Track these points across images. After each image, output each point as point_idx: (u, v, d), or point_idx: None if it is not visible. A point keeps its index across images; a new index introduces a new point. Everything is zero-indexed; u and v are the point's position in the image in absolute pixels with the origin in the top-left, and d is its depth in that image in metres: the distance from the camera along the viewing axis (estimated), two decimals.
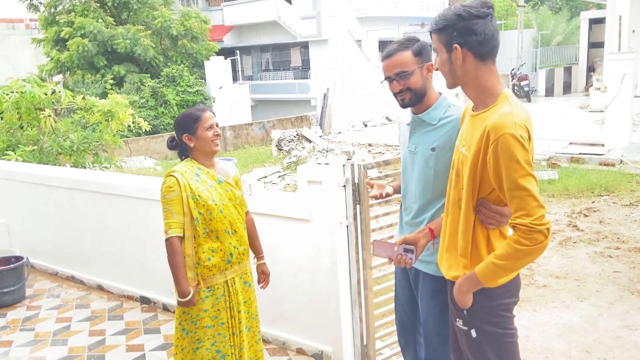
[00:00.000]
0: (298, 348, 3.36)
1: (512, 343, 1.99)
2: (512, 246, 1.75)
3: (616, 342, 4.02)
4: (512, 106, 1.80)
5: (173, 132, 2.66)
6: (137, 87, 18.72)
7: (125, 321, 3.93)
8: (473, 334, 1.95)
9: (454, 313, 2.04)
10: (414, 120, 2.32)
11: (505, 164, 1.74)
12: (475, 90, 1.89)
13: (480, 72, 1.85)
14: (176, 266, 2.46)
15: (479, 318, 1.94)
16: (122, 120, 7.41)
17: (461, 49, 1.82)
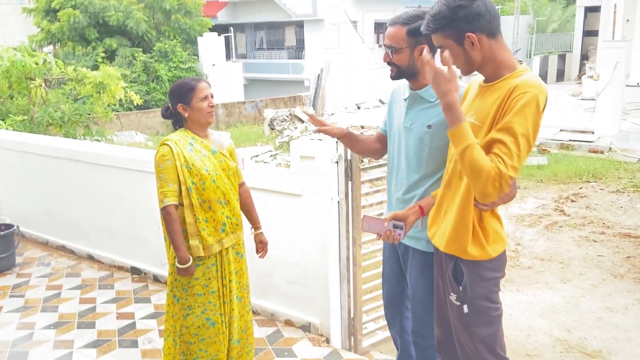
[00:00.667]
0: (286, 319, 3.42)
1: (498, 316, 2.04)
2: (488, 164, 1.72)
3: (597, 323, 4.13)
4: (533, 74, 1.82)
5: None
6: (129, 61, 18.51)
7: (116, 290, 3.96)
8: (465, 310, 2.00)
9: (447, 289, 2.07)
10: (412, 97, 2.30)
11: (518, 113, 1.73)
12: (491, 67, 1.87)
13: (494, 49, 1.84)
14: (174, 233, 2.46)
15: (473, 293, 1.98)
16: (113, 93, 7.34)
17: (474, 35, 1.80)
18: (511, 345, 3.79)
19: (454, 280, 2.03)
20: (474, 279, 1.97)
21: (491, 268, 1.98)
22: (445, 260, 2.07)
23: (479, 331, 2.00)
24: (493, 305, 2.00)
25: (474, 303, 1.98)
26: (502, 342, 2.07)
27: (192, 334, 2.59)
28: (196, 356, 2.60)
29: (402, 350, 2.75)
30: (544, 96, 1.77)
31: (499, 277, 2.02)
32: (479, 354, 2.01)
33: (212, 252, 2.54)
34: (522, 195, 7.28)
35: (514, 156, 1.73)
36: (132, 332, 3.38)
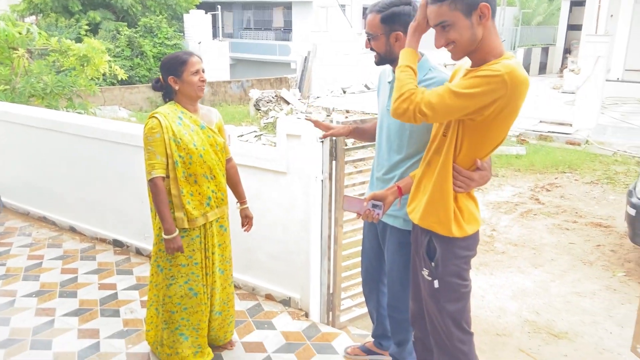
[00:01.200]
0: (267, 294, 3.51)
1: (467, 293, 2.14)
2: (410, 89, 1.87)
3: (565, 306, 4.30)
4: (516, 61, 1.84)
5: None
6: (113, 35, 18.18)
7: (98, 262, 4.00)
8: (436, 285, 2.09)
9: (421, 264, 2.16)
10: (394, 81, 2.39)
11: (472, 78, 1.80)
12: (484, 52, 1.85)
13: (491, 31, 1.84)
14: (161, 204, 2.50)
15: (444, 269, 2.07)
16: (97, 67, 7.26)
17: (487, 3, 1.78)
18: (482, 325, 3.95)
19: (427, 256, 2.11)
20: (446, 256, 2.06)
21: (463, 246, 2.06)
22: (420, 236, 2.15)
23: (448, 306, 2.09)
24: (462, 282, 2.09)
25: (444, 279, 2.07)
26: (468, 318, 2.16)
27: (174, 303, 2.65)
28: (178, 325, 2.68)
29: (378, 324, 2.86)
30: (513, 81, 1.76)
31: (470, 255, 2.11)
32: (446, 327, 2.11)
33: (196, 225, 2.59)
34: (500, 183, 7.45)
35: (435, 96, 1.83)
36: (114, 302, 3.43)
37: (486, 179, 2.04)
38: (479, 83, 1.78)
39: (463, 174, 1.98)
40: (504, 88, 1.77)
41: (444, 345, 2.14)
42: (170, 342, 2.69)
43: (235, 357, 2.90)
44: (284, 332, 3.15)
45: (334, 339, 3.09)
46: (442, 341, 2.14)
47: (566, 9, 20.18)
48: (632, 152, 8.83)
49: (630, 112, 11.68)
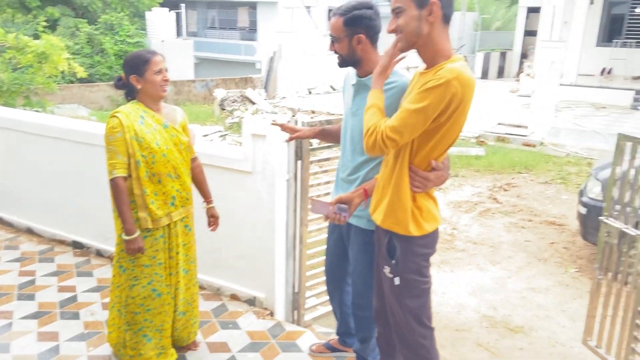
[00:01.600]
0: (232, 294, 3.52)
1: (427, 289, 2.21)
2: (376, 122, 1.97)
3: (521, 302, 4.47)
4: (462, 64, 1.94)
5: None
6: (72, 32, 17.69)
7: (57, 264, 3.92)
8: (396, 282, 2.16)
9: (382, 262, 2.23)
10: (358, 83, 2.44)
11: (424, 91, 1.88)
12: (432, 52, 1.96)
13: (442, 34, 1.95)
14: (122, 204, 2.49)
15: (404, 267, 2.14)
16: (56, 64, 7.10)
17: (438, 3, 1.89)
18: (443, 321, 4.06)
19: (387, 255, 2.18)
20: (405, 254, 2.13)
21: (422, 244, 2.13)
22: (382, 235, 2.22)
23: (408, 302, 2.16)
24: (422, 279, 2.16)
25: (404, 276, 2.14)
26: (428, 313, 2.24)
27: (137, 304, 2.64)
28: (141, 326, 2.66)
29: (341, 322, 2.92)
30: (461, 84, 1.86)
31: (429, 253, 2.18)
32: (407, 322, 2.18)
33: (160, 225, 2.58)
34: (460, 183, 7.66)
35: (396, 120, 1.93)
36: (73, 304, 3.38)
37: (443, 179, 2.11)
38: (428, 94, 1.88)
39: (419, 175, 2.05)
40: (450, 92, 1.87)
41: (406, 340, 2.21)
42: (133, 344, 2.67)
43: (200, 357, 2.90)
44: (248, 331, 3.17)
45: (299, 337, 3.13)
46: (404, 336, 2.21)
47: (523, 15, 20.83)
48: (583, 154, 9.22)
49: (582, 115, 12.17)
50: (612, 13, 16.58)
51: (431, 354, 2.25)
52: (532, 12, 20.34)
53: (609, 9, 16.54)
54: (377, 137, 1.94)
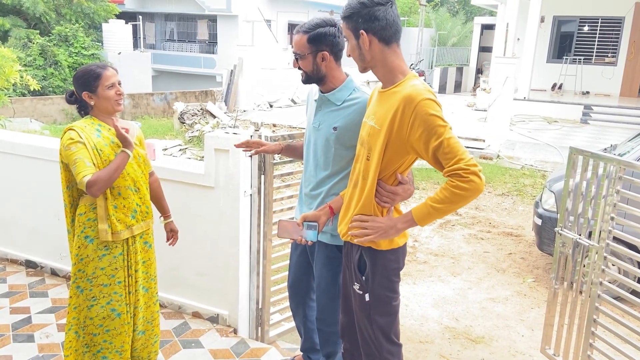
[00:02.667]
0: (194, 312, 3.44)
1: (396, 306, 2.23)
2: (451, 191, 1.87)
3: (481, 312, 4.57)
4: (420, 80, 2.01)
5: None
6: (24, 43, 17.14)
7: (9, 284, 3.74)
8: (366, 298, 2.16)
9: (352, 278, 2.22)
10: (320, 99, 2.46)
11: (430, 122, 1.89)
12: (383, 71, 2.05)
13: (386, 54, 2.01)
14: (110, 172, 2.37)
15: (374, 282, 2.14)
16: (7, 77, 6.85)
17: (367, 35, 1.98)
18: (406, 333, 4.10)
19: (358, 271, 2.18)
20: (376, 269, 2.13)
21: (392, 259, 2.15)
22: (351, 251, 2.22)
23: (378, 319, 2.17)
24: (392, 295, 2.18)
25: (375, 292, 2.15)
26: (397, 330, 2.26)
27: (96, 325, 2.54)
28: (100, 347, 2.57)
29: (306, 339, 2.90)
30: (430, 92, 1.95)
31: (398, 268, 2.19)
32: (376, 339, 2.18)
33: (120, 238, 2.51)
34: (421, 195, 7.79)
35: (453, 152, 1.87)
36: (27, 326, 3.23)
37: (410, 192, 2.14)
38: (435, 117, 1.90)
39: (387, 190, 2.08)
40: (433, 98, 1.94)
41: (374, 356, 2.21)
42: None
43: None
44: (211, 349, 3.10)
45: (263, 354, 3.09)
46: (371, 352, 2.21)
47: (478, 32, 21.57)
48: (537, 166, 9.55)
49: (535, 129, 12.63)
50: (561, 31, 17.38)
51: None
52: (486, 28, 21.11)
53: (558, 27, 17.33)
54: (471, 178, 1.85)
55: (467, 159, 1.86)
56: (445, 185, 1.91)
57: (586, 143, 10.74)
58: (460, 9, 31.50)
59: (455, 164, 1.86)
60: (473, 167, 1.85)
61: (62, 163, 2.48)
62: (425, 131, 1.90)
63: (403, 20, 27.72)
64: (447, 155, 1.88)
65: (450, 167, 1.88)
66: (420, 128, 1.91)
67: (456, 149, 1.87)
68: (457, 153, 1.87)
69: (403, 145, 1.99)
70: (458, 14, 29.51)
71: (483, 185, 1.88)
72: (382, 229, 2.04)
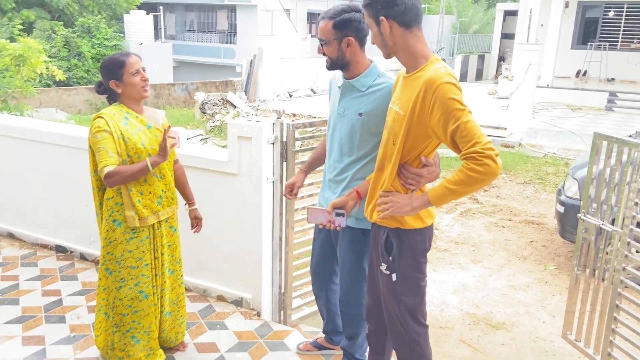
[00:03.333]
0: (219, 295, 3.53)
1: (423, 287, 2.26)
2: (465, 173, 1.89)
3: (502, 299, 4.57)
4: (442, 63, 2.03)
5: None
6: (48, 35, 17.44)
7: (40, 268, 3.87)
8: (393, 278, 2.19)
9: (379, 259, 2.26)
10: (345, 85, 2.48)
11: (448, 106, 1.91)
12: (405, 56, 2.07)
13: (407, 39, 2.03)
14: (129, 174, 2.46)
15: (402, 262, 2.17)
16: (34, 67, 7.00)
17: (387, 20, 2.01)
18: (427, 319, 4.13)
19: (385, 252, 2.22)
20: (402, 250, 2.17)
21: (419, 240, 2.17)
22: (378, 233, 2.26)
23: (405, 299, 2.20)
24: (419, 275, 2.21)
25: (402, 272, 2.18)
26: (424, 311, 2.28)
27: (125, 305, 2.64)
28: (129, 327, 2.66)
29: (328, 321, 2.96)
30: (451, 75, 1.96)
31: (425, 248, 2.22)
32: (403, 319, 2.22)
33: (147, 224, 2.59)
34: None
35: (470, 135, 1.88)
36: (59, 308, 3.35)
37: (435, 174, 2.15)
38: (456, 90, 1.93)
39: (412, 172, 2.10)
40: (453, 82, 1.95)
41: (401, 337, 2.25)
42: (121, 345, 2.67)
43: (188, 358, 2.91)
44: (236, 331, 3.18)
45: (286, 336, 3.16)
46: (399, 332, 2.25)
47: (500, 18, 21.19)
48: (560, 154, 9.42)
49: (558, 117, 12.43)
50: (586, 16, 16.99)
51: (425, 350, 2.29)
52: (509, 15, 20.71)
53: (583, 13, 16.94)
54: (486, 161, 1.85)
55: (483, 143, 1.87)
56: (461, 167, 1.93)
57: (611, 130, 10.54)
58: None
59: (471, 147, 1.88)
60: (489, 151, 1.86)
61: (90, 148, 2.56)
62: (444, 114, 1.92)
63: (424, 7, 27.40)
64: (464, 138, 1.89)
65: (467, 150, 1.89)
66: (440, 111, 1.93)
67: (473, 132, 1.88)
68: (473, 136, 1.88)
69: (425, 129, 2.01)
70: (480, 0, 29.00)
71: (499, 169, 1.88)
72: (398, 203, 2.08)
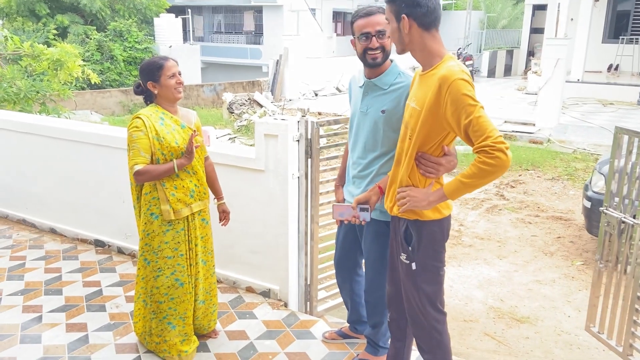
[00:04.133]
0: (247, 286, 3.68)
1: (442, 276, 2.35)
2: (477, 166, 1.99)
3: (527, 294, 4.60)
4: (456, 61, 2.13)
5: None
6: (82, 39, 18.01)
7: (81, 261, 4.10)
8: (413, 267, 2.29)
9: (399, 249, 2.36)
10: (367, 84, 2.59)
11: (461, 101, 2.01)
12: (421, 54, 2.18)
13: (425, 38, 2.14)
14: (157, 173, 2.65)
15: (421, 251, 2.27)
16: (71, 71, 7.29)
17: (407, 19, 2.11)
18: (450, 312, 4.19)
19: (404, 242, 2.32)
20: (421, 240, 2.27)
21: (437, 231, 2.27)
22: (398, 224, 2.36)
23: (424, 286, 2.30)
24: (438, 264, 2.31)
25: (421, 261, 2.28)
26: (442, 299, 2.37)
27: (162, 293, 2.81)
28: (166, 314, 2.83)
29: (352, 311, 3.07)
30: (465, 72, 2.05)
31: (443, 238, 2.31)
32: (422, 306, 2.31)
33: (182, 216, 2.76)
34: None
35: (482, 129, 1.98)
36: (99, 298, 3.55)
37: (453, 164, 2.25)
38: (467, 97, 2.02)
39: (432, 160, 2.20)
40: (467, 78, 2.05)
41: (421, 324, 2.34)
42: (158, 331, 2.84)
43: (220, 344, 3.06)
44: (264, 320, 3.32)
45: (312, 325, 3.28)
46: (418, 320, 2.34)
47: (529, 13, 20.86)
48: (590, 150, 9.29)
49: (589, 112, 12.22)
50: (617, 10, 16.60)
51: (444, 337, 2.38)
52: (538, 9, 20.38)
53: (614, 6, 16.55)
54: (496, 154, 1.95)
55: (494, 137, 1.97)
56: (473, 161, 2.03)
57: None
58: None
59: (483, 141, 1.98)
60: (500, 145, 1.95)
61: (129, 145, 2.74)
62: (457, 110, 2.02)
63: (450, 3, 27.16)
64: (476, 132, 1.99)
65: (479, 143, 1.99)
66: (453, 106, 2.03)
67: (484, 127, 1.98)
68: (485, 131, 1.98)
69: (440, 123, 2.11)
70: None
71: (509, 162, 1.97)
72: (415, 198, 2.19)
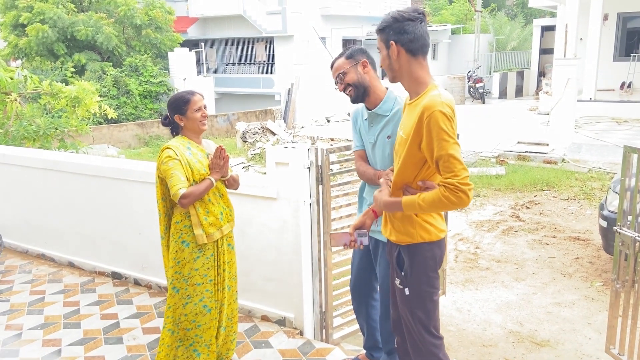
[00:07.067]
0: (263, 315, 3.69)
1: (435, 301, 2.37)
2: (438, 196, 2.09)
3: (547, 317, 4.52)
4: (439, 90, 2.19)
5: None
6: (99, 75, 18.50)
7: (98, 294, 4.15)
8: (406, 292, 2.33)
9: (394, 274, 2.40)
10: (370, 116, 2.72)
11: (437, 134, 2.09)
12: (408, 81, 2.26)
13: (411, 65, 2.23)
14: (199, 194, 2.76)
15: (413, 276, 2.31)
16: (88, 107, 7.50)
17: (396, 45, 2.21)
18: (469, 337, 4.14)
19: (397, 267, 2.36)
20: (413, 265, 2.31)
21: (429, 256, 2.31)
22: (392, 249, 2.42)
23: (418, 313, 2.33)
24: (431, 289, 2.33)
25: (414, 287, 2.32)
26: (436, 324, 2.40)
27: (190, 320, 2.86)
28: (192, 341, 2.88)
29: (368, 337, 3.06)
30: (446, 104, 2.10)
31: (435, 262, 2.34)
32: (418, 332, 2.35)
33: (213, 239, 2.85)
34: (482, 202, 7.73)
35: (451, 168, 2.06)
36: (116, 330, 3.59)
37: None
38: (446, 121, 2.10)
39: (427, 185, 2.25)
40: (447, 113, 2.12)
41: (419, 350, 2.37)
42: (184, 359, 2.87)
43: None
44: (280, 349, 3.32)
45: (328, 353, 3.27)
46: (416, 345, 2.37)
47: (538, 34, 20.98)
48: (606, 169, 9.19)
49: (603, 130, 12.14)
50: (627, 27, 16.61)
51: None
52: (547, 30, 20.50)
53: (624, 24, 16.57)
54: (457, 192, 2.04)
55: (461, 177, 2.05)
56: (437, 190, 2.10)
57: None
58: (519, 12, 30.74)
59: (450, 178, 2.06)
60: (464, 186, 2.05)
61: (159, 177, 2.86)
62: (432, 141, 2.10)
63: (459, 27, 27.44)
64: (446, 168, 2.08)
65: (445, 179, 2.08)
66: (429, 137, 2.11)
67: (454, 165, 2.06)
68: (453, 169, 2.06)
69: (421, 152, 2.18)
70: (517, 17, 28.79)
71: (469, 202, 2.08)
72: (376, 198, 2.33)
